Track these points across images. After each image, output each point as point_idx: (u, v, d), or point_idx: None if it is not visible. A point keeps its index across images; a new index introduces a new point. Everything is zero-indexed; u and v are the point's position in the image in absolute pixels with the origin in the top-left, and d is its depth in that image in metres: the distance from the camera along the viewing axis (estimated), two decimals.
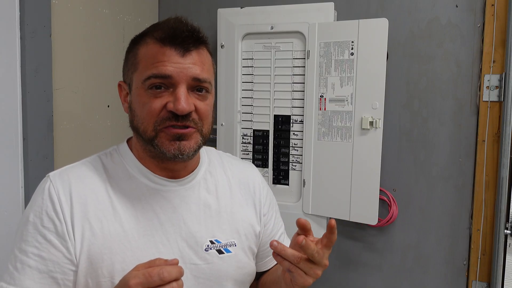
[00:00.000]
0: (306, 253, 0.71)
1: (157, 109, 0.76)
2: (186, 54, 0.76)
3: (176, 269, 0.65)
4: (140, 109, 0.77)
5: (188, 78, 0.76)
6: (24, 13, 1.20)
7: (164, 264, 0.66)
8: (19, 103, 1.22)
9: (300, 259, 0.71)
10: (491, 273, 1.43)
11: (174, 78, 0.75)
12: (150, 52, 0.77)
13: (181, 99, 0.74)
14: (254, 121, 1.63)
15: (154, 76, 0.75)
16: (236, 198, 0.91)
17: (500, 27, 1.39)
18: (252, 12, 1.58)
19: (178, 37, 0.76)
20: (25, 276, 0.73)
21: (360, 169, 1.45)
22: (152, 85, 0.76)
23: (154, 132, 0.76)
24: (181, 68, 0.75)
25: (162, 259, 0.68)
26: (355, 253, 1.62)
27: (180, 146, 0.77)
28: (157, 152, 0.78)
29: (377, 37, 1.40)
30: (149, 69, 0.76)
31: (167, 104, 0.75)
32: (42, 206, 0.76)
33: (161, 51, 0.76)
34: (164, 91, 0.76)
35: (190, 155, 0.78)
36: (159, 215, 0.81)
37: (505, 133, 1.36)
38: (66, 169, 0.81)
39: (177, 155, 0.77)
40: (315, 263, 0.72)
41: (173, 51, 0.76)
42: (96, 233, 0.76)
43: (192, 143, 0.78)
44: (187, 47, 0.76)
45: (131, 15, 1.67)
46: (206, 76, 0.78)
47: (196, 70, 0.77)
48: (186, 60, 0.76)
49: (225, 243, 0.85)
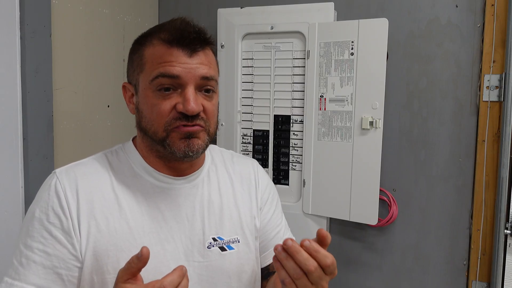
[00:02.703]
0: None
1: (167, 110, 0.76)
2: (193, 55, 0.77)
3: (177, 274, 0.65)
4: (149, 110, 0.78)
5: (196, 78, 0.77)
6: (24, 13, 1.20)
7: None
8: (19, 103, 1.22)
9: (300, 275, 0.64)
10: (491, 273, 1.43)
11: (182, 79, 0.76)
12: (157, 53, 0.77)
13: (191, 100, 0.75)
14: (254, 121, 1.63)
15: (162, 75, 0.76)
16: (239, 194, 0.91)
17: (500, 27, 1.39)
18: (252, 12, 1.58)
19: (185, 38, 0.76)
20: (30, 272, 0.73)
21: (360, 169, 1.45)
22: (161, 87, 0.76)
23: (165, 132, 0.77)
24: (189, 69, 0.76)
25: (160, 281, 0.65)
26: (355, 253, 1.62)
27: (189, 143, 0.77)
28: (167, 152, 0.78)
29: (377, 37, 1.40)
30: (156, 69, 0.76)
31: (176, 105, 0.76)
32: (48, 201, 0.76)
33: (168, 51, 0.77)
34: (172, 93, 0.77)
35: (199, 154, 0.79)
36: (164, 212, 0.81)
37: (505, 133, 1.36)
38: (72, 166, 0.82)
39: (187, 152, 0.77)
40: (314, 283, 0.65)
41: (180, 52, 0.77)
42: (102, 229, 0.76)
43: (200, 141, 0.79)
44: (194, 48, 0.77)
45: (131, 15, 1.67)
46: (213, 74, 0.79)
47: (203, 70, 0.77)
48: (193, 60, 0.77)
49: (228, 240, 0.86)
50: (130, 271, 0.65)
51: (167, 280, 0.64)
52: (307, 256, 0.64)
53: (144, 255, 0.63)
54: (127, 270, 0.65)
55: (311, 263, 0.63)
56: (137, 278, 0.66)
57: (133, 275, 0.65)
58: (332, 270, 0.66)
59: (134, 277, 0.65)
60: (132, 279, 0.65)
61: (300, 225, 1.56)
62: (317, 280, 0.65)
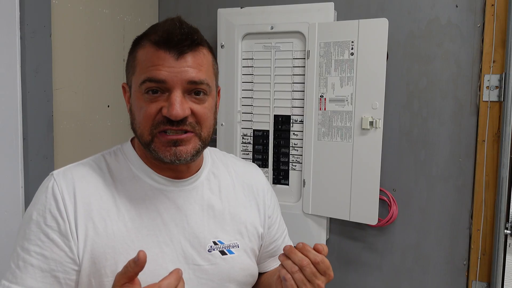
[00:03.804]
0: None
1: (153, 113, 0.75)
2: (180, 58, 0.75)
3: (174, 277, 0.65)
4: (138, 112, 0.77)
5: (183, 82, 0.75)
6: (24, 13, 1.20)
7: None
8: (19, 103, 1.22)
9: (295, 269, 0.73)
10: (491, 273, 1.43)
11: (168, 83, 0.74)
12: (146, 56, 0.77)
13: (175, 105, 0.73)
14: (254, 121, 1.63)
15: (149, 80, 0.75)
16: (240, 199, 0.90)
17: (500, 27, 1.39)
18: (252, 12, 1.58)
19: (171, 40, 0.75)
20: (27, 275, 0.73)
21: (360, 169, 1.45)
22: (148, 89, 0.76)
23: (150, 136, 0.76)
24: (175, 72, 0.74)
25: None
26: (355, 253, 1.62)
27: (176, 151, 0.76)
28: (155, 156, 0.78)
29: (377, 37, 1.40)
30: (144, 73, 0.76)
31: (162, 109, 0.75)
32: (46, 204, 0.75)
33: (156, 54, 0.75)
34: (160, 96, 0.76)
35: (188, 160, 0.78)
36: (163, 215, 0.80)
37: (505, 133, 1.36)
38: (70, 168, 0.81)
39: (174, 160, 0.76)
40: (310, 280, 0.74)
41: (167, 55, 0.75)
42: (100, 232, 0.76)
43: (189, 148, 0.77)
44: (181, 50, 0.75)
45: (131, 15, 1.67)
46: (203, 78, 0.77)
47: (191, 73, 0.75)
48: (180, 64, 0.75)
49: (228, 244, 0.85)
50: (127, 275, 0.64)
51: (164, 283, 0.64)
52: (301, 255, 0.74)
53: (141, 259, 0.63)
54: (124, 274, 0.64)
55: (304, 259, 0.74)
56: (135, 282, 0.66)
57: (130, 279, 0.65)
58: (324, 269, 0.74)
59: (131, 281, 0.65)
60: (129, 283, 0.65)
61: (300, 225, 1.56)
62: (311, 275, 0.73)
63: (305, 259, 0.73)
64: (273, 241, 0.96)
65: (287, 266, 0.74)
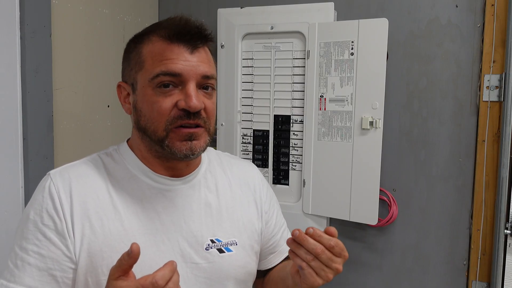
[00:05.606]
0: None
1: (168, 108, 0.75)
2: (195, 51, 0.76)
3: (168, 269, 0.65)
4: (149, 108, 0.77)
5: (198, 76, 0.76)
6: (24, 13, 1.20)
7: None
8: (19, 103, 1.22)
9: (311, 258, 0.71)
10: (491, 273, 1.43)
11: (184, 76, 0.75)
12: (157, 50, 0.76)
13: (193, 96, 0.74)
14: (254, 121, 1.63)
15: (163, 74, 0.75)
16: (237, 196, 0.90)
17: (500, 27, 1.39)
18: (252, 12, 1.58)
19: (187, 33, 0.76)
20: (25, 274, 0.73)
21: (360, 169, 1.45)
22: (160, 84, 0.75)
23: (165, 132, 0.76)
24: (191, 66, 0.75)
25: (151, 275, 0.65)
26: (355, 253, 1.62)
27: (191, 146, 0.77)
28: (166, 152, 0.77)
29: (377, 37, 1.40)
30: (157, 67, 0.75)
31: (178, 103, 0.75)
32: (43, 204, 0.76)
33: (169, 48, 0.76)
34: (173, 89, 0.76)
35: (199, 154, 0.79)
36: (160, 214, 0.80)
37: (505, 133, 1.36)
38: (67, 167, 0.81)
39: (189, 155, 0.77)
40: (327, 265, 0.72)
41: (181, 48, 0.76)
42: (96, 231, 0.76)
43: (202, 143, 0.78)
44: (195, 44, 0.76)
45: (131, 15, 1.67)
46: (213, 72, 0.79)
47: (204, 68, 0.77)
48: (194, 58, 0.76)
49: (226, 242, 0.85)
50: (122, 268, 0.64)
51: (159, 274, 0.63)
52: (314, 242, 0.72)
53: (134, 251, 0.63)
54: (119, 267, 0.64)
55: (318, 247, 0.71)
56: (129, 275, 0.65)
57: (124, 272, 0.65)
58: (339, 251, 0.73)
59: (125, 274, 0.65)
60: (123, 276, 0.65)
61: (300, 225, 1.55)
62: (328, 261, 0.72)
63: (318, 246, 0.71)
64: (272, 237, 0.96)
65: (302, 255, 0.72)
